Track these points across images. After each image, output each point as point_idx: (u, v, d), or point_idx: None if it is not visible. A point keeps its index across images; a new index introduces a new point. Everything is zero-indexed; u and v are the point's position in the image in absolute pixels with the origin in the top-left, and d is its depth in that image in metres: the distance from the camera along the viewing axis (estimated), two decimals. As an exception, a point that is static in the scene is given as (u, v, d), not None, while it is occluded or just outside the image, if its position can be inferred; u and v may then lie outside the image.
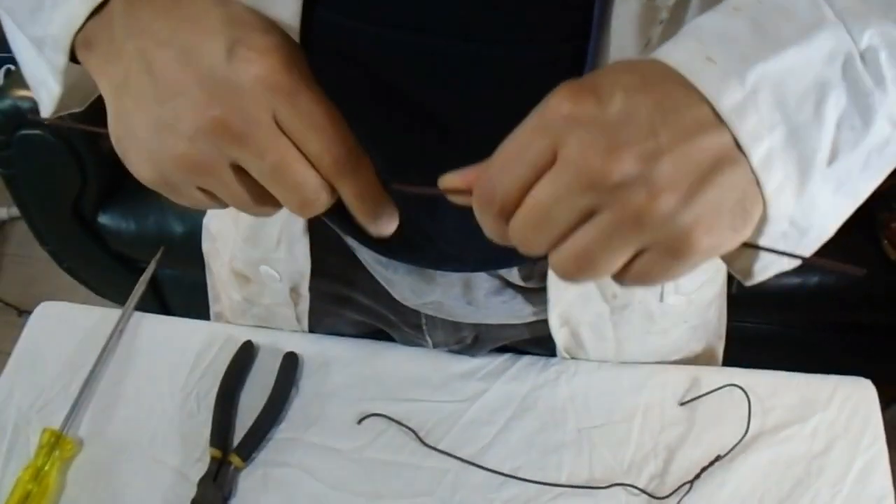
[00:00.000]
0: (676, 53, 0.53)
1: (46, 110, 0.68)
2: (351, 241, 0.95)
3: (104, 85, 0.61)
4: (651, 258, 0.53)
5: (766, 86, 0.52)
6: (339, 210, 0.62)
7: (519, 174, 0.53)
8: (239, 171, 0.58)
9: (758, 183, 0.53)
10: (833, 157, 0.55)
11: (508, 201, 0.54)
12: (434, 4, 0.67)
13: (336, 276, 1.02)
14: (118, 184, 2.19)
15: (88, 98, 0.70)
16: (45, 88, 0.67)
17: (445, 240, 0.84)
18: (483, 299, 0.93)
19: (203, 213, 1.10)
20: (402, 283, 0.94)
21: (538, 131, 0.52)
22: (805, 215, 0.57)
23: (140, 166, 0.60)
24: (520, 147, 0.53)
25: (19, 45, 0.67)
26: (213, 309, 1.18)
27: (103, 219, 2.17)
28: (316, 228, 0.92)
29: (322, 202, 0.59)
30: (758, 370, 1.03)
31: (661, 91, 0.52)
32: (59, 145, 2.01)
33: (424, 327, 1.02)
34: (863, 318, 2.10)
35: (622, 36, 0.65)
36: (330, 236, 0.94)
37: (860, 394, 1.01)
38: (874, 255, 1.98)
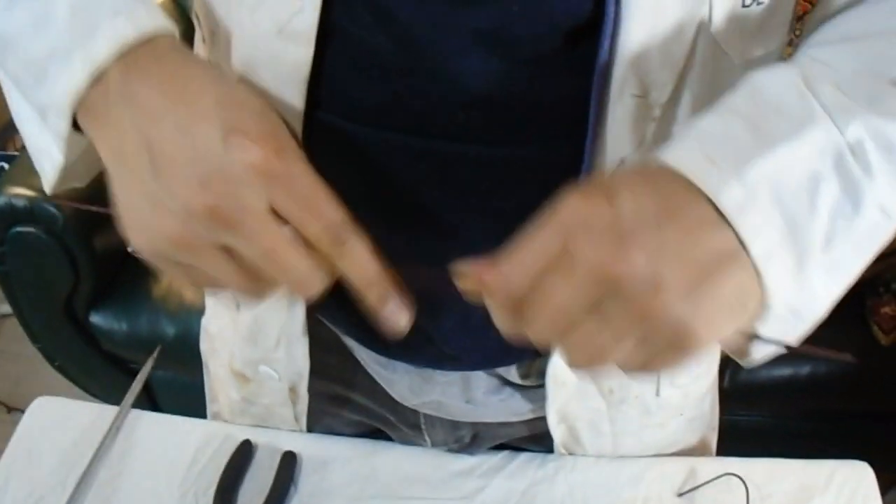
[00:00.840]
0: (678, 155, 0.57)
1: (49, 183, 0.69)
2: (350, 342, 0.96)
3: (104, 152, 0.62)
4: (654, 348, 0.55)
5: (764, 183, 0.55)
6: (338, 305, 0.63)
7: (534, 270, 0.55)
8: (232, 251, 0.59)
9: (758, 275, 0.55)
10: (827, 245, 0.58)
11: (521, 294, 0.56)
12: (434, 108, 0.69)
13: (334, 377, 1.02)
14: (111, 283, 2.20)
15: (91, 173, 0.70)
16: (49, 159, 0.67)
17: (444, 340, 0.84)
18: (482, 398, 0.94)
19: (196, 314, 1.10)
20: (400, 382, 0.95)
21: (553, 231, 0.55)
22: (802, 301, 0.59)
23: (136, 237, 0.61)
24: (536, 245, 0.55)
25: (24, 116, 0.67)
26: (210, 409, 1.18)
27: (95, 318, 2.18)
28: (315, 329, 0.93)
29: (317, 284, 0.60)
30: (754, 458, 1.03)
31: (666, 192, 0.55)
32: (53, 243, 2.03)
33: (423, 427, 1.02)
34: (856, 406, 2.11)
35: (618, 134, 0.68)
36: (329, 337, 0.95)
37: (858, 477, 1.01)
38: (864, 342, 1.99)
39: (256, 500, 1.01)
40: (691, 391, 1.02)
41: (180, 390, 2.10)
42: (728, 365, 1.90)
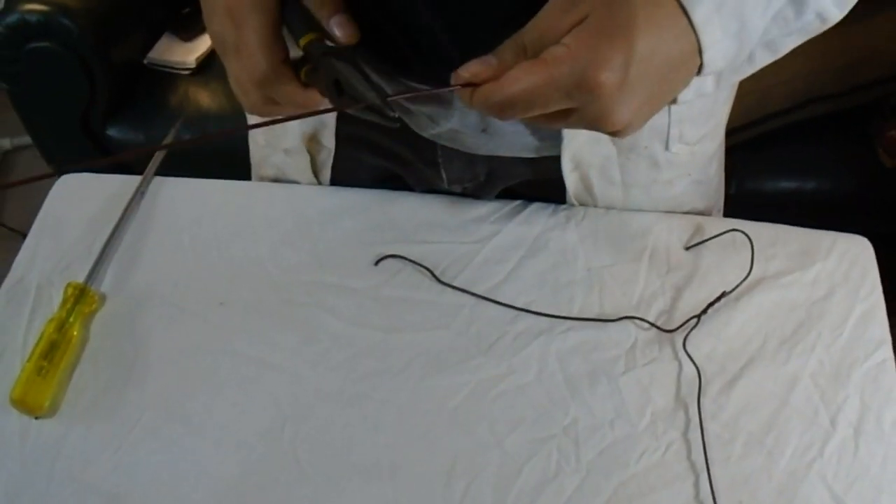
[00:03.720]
0: None
1: None
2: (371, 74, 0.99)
3: None
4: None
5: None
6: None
7: (523, 107, 0.66)
8: None
9: (700, 66, 0.67)
10: (762, 38, 0.70)
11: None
12: None
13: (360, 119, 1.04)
14: (127, 96, 2.20)
15: None
16: None
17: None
18: (498, 127, 0.96)
19: (213, 121, 1.12)
20: (420, 111, 0.97)
21: (542, 64, 0.64)
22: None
23: None
24: (539, 90, 0.64)
25: None
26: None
27: (112, 131, 2.19)
28: None
29: None
30: (759, 222, 1.07)
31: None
32: (68, 57, 2.03)
33: (440, 161, 1.05)
34: (859, 225, 2.12)
35: None
36: None
37: (858, 249, 1.05)
38: (869, 164, 2.01)
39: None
40: (698, 151, 1.05)
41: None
42: (734, 174, 1.93)
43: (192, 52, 2.24)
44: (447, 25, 0.83)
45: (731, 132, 1.12)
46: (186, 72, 2.25)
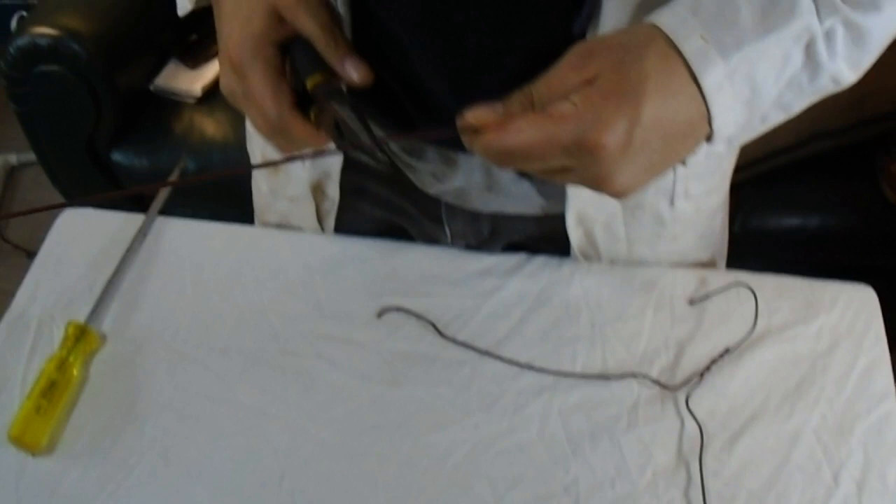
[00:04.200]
0: (672, 24, 0.65)
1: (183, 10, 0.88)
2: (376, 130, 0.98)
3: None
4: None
5: (744, 65, 0.65)
6: (362, 93, 0.74)
7: (524, 144, 0.64)
8: None
9: (710, 134, 0.66)
10: (776, 103, 0.69)
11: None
12: None
13: (360, 167, 1.04)
14: (133, 121, 2.21)
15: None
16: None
17: None
18: (503, 185, 0.96)
19: (217, 149, 1.12)
20: (424, 169, 0.97)
21: (548, 119, 0.63)
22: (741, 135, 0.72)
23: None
24: (541, 144, 0.64)
25: None
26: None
27: (117, 156, 2.19)
28: None
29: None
30: (763, 274, 1.06)
31: (652, 60, 0.64)
32: (76, 81, 2.03)
33: (444, 218, 1.05)
34: (862, 261, 2.12)
35: None
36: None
37: (862, 299, 1.04)
38: (873, 199, 2.00)
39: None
40: (703, 205, 1.05)
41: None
42: (739, 210, 1.92)
43: (198, 81, 2.23)
44: (450, 86, 0.83)
45: (735, 170, 1.11)
46: (192, 100, 2.24)
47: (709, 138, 0.67)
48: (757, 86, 0.65)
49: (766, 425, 0.94)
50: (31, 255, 2.58)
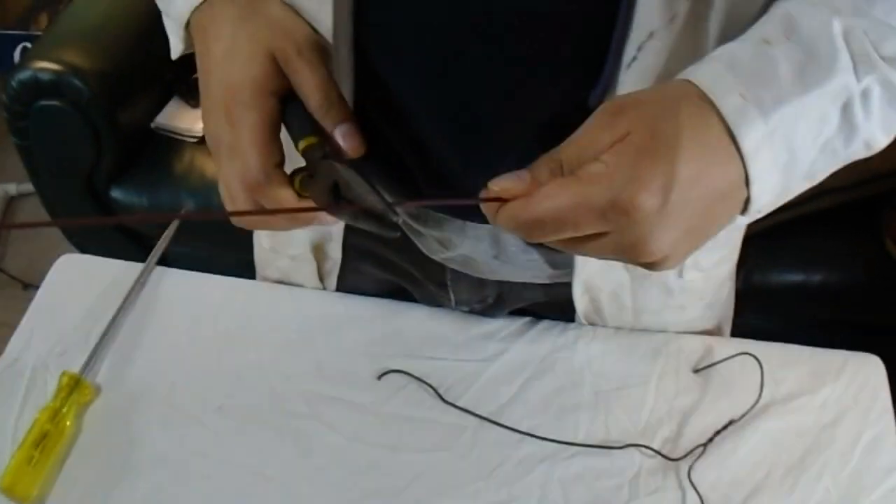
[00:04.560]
0: (710, 81, 0.61)
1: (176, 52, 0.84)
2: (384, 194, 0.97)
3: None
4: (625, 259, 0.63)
5: (783, 125, 0.60)
6: (371, 159, 0.69)
7: (553, 227, 0.61)
8: None
9: (748, 200, 0.62)
10: (810, 169, 0.64)
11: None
12: None
13: (365, 231, 1.03)
14: (133, 159, 2.20)
15: None
16: (174, 37, 0.82)
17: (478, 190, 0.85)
18: (510, 255, 0.95)
19: (216, 189, 1.11)
20: (430, 236, 0.96)
21: (577, 184, 0.60)
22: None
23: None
24: (572, 209, 0.60)
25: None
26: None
27: (116, 193, 2.18)
28: None
29: None
30: (769, 343, 1.05)
31: (687, 115, 0.60)
32: (77, 117, 2.03)
33: (449, 284, 1.03)
34: (866, 317, 2.12)
35: (649, 8, 0.68)
36: None
37: (869, 369, 1.03)
38: (877, 255, 2.00)
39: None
40: (712, 276, 1.04)
41: (197, 267, 2.12)
42: (742, 266, 1.91)
43: (199, 120, 2.22)
44: (458, 153, 0.81)
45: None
46: (193, 139, 2.23)
47: (746, 206, 0.63)
48: (795, 148, 0.61)
49: (769, 499, 0.92)
50: (26, 286, 2.60)
